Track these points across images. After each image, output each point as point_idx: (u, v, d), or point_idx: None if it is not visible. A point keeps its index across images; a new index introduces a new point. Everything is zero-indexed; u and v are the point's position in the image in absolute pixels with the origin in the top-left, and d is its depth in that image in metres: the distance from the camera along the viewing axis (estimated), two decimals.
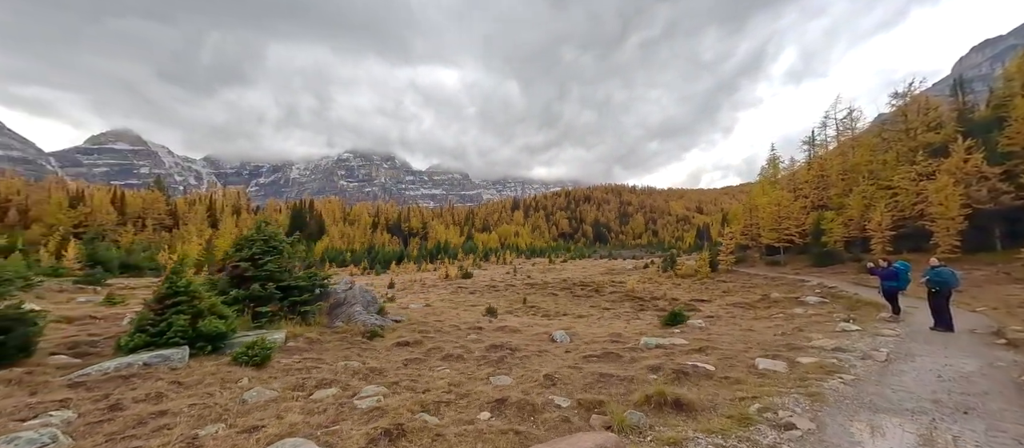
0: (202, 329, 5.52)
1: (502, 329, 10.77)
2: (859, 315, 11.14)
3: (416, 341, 7.86)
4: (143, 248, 30.20)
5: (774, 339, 7.66)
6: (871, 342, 6.85)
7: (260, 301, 7.46)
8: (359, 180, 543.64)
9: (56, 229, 52.47)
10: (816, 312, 13.18)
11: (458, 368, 6.13)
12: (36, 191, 65.29)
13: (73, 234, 53.98)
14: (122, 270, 18.19)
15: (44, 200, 59.69)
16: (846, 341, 6.91)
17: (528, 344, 8.13)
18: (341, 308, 9.34)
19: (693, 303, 19.14)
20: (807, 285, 20.79)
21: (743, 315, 14.51)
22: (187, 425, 3.24)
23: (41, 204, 59.26)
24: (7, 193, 61.87)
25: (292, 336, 7.18)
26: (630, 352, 6.82)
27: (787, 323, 10.95)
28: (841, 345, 6.41)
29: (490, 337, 9.13)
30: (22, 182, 68.34)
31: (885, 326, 8.56)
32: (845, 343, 6.68)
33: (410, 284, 30.41)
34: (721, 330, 10.01)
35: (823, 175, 29.79)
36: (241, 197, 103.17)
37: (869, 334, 7.67)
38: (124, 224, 60.73)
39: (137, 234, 58.61)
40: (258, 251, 7.93)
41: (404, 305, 17.74)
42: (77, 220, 56.29)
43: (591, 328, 11.73)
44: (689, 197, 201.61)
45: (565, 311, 17.97)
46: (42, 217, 55.82)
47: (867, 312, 11.56)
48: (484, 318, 13.12)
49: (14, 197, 61.55)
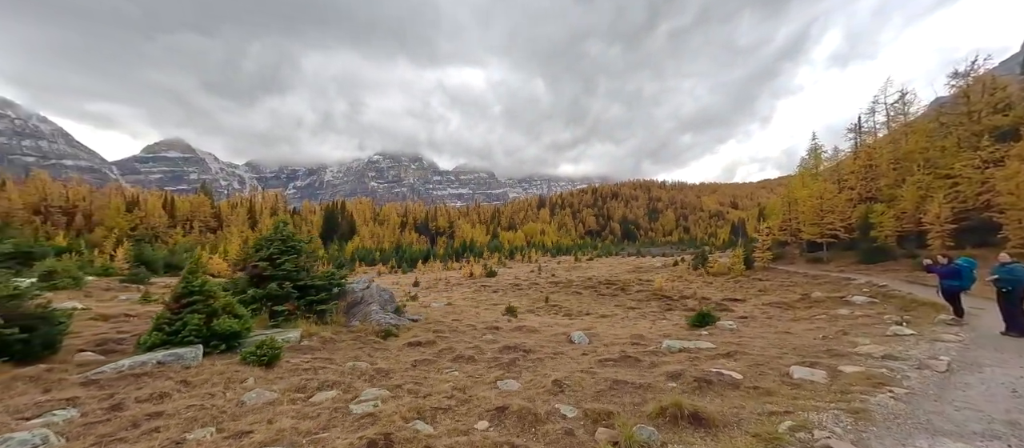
0: (216, 328, 5.60)
1: (520, 329, 10.52)
2: (914, 317, 10.08)
3: (429, 341, 7.74)
4: (185, 249, 32.12)
5: (813, 344, 6.98)
6: (929, 349, 6.08)
7: (277, 300, 7.56)
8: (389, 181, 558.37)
9: (115, 232, 56.97)
10: (864, 313, 12.10)
11: (467, 370, 5.92)
12: (99, 197, 70.93)
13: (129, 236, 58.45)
14: (166, 269, 19.44)
15: (105, 205, 64.81)
16: (898, 347, 6.18)
17: (544, 346, 7.84)
18: (358, 307, 9.37)
19: (725, 303, 18.17)
20: (853, 284, 19.26)
21: (780, 316, 13.57)
22: (178, 428, 3.20)
23: (103, 209, 64.38)
24: (74, 199, 67.49)
25: (307, 335, 7.22)
26: (650, 356, 6.39)
27: (830, 326, 10.08)
28: (892, 352, 5.71)
29: (506, 338, 8.89)
30: (87, 189, 74.39)
31: (946, 330, 7.64)
32: (897, 349, 5.96)
33: (435, 282, 30.70)
34: (754, 332, 9.32)
35: (871, 165, 27.57)
36: (279, 200, 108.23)
37: (926, 339, 6.85)
38: (174, 226, 65.08)
39: (185, 235, 62.63)
40: (276, 251, 8.05)
41: (426, 303, 17.85)
42: (133, 223, 60.87)
43: (613, 329, 11.27)
44: (723, 191, 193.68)
45: (588, 310, 17.49)
46: (103, 221, 60.69)
47: (924, 314, 10.46)
48: (503, 317, 12.92)
49: (80, 203, 67.09)
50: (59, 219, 62.12)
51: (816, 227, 26.38)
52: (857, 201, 27.08)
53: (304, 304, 7.94)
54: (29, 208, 58.48)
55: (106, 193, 76.25)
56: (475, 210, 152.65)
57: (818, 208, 25.93)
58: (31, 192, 60.51)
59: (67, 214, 63.82)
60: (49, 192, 62.21)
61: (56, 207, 62.58)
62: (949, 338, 6.86)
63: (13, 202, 56.17)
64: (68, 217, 63.66)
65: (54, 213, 61.79)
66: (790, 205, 29.89)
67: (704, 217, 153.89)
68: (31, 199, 59.48)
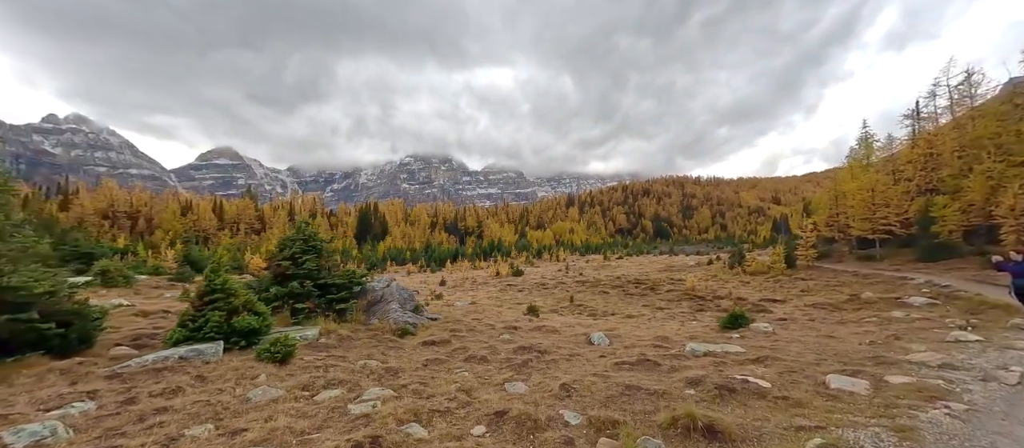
0: (235, 325, 5.78)
1: (540, 329, 10.31)
2: (982, 321, 9.00)
3: (444, 340, 7.69)
4: (228, 249, 34.20)
5: (858, 349, 6.34)
6: (997, 358, 5.34)
7: (298, 298, 7.76)
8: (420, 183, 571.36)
9: (170, 234, 61.65)
10: (922, 316, 10.97)
11: (478, 371, 5.80)
12: (157, 202, 76.99)
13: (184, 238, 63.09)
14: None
15: (163, 210, 70.30)
16: (960, 355, 5.47)
17: (561, 347, 7.59)
18: (378, 305, 9.48)
19: (763, 303, 17.12)
20: (911, 284, 17.59)
21: (825, 318, 12.58)
22: (178, 424, 3.27)
23: (161, 213, 69.87)
24: (137, 205, 73.59)
25: (326, 332, 7.35)
26: (672, 360, 6.01)
27: (880, 329, 9.18)
28: (952, 360, 5.05)
29: (523, 338, 8.72)
30: (148, 195, 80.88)
31: (1020, 336, 6.72)
32: (958, 358, 5.28)
33: (461, 281, 30.95)
34: (792, 336, 8.64)
35: (932, 153, 25.14)
36: (317, 203, 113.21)
37: (995, 347, 6.04)
38: (222, 228, 69.59)
39: (232, 237, 66.79)
40: (298, 251, 8.28)
41: (450, 302, 17.97)
42: (187, 226, 65.67)
43: (638, 330, 10.83)
44: (763, 186, 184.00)
45: (614, 310, 16.98)
46: (161, 224, 65.84)
47: (994, 317, 9.32)
48: (524, 317, 12.73)
49: (143, 208, 73.10)
50: (124, 223, 68.01)
51: (867, 222, 24.37)
52: (915, 193, 24.80)
53: (324, 302, 8.11)
54: (99, 213, 64.40)
55: (164, 199, 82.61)
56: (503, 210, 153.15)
57: (869, 202, 23.93)
58: (100, 199, 66.60)
59: (131, 218, 69.70)
60: (115, 199, 68.18)
61: (122, 212, 68.48)
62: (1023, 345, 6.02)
63: (86, 208, 62.05)
64: (132, 221, 69.54)
65: (120, 217, 67.67)
66: (837, 199, 27.78)
67: (743, 214, 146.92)
68: (100, 205, 65.45)
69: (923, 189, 24.50)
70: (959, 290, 14.42)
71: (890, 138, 28.74)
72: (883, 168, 27.98)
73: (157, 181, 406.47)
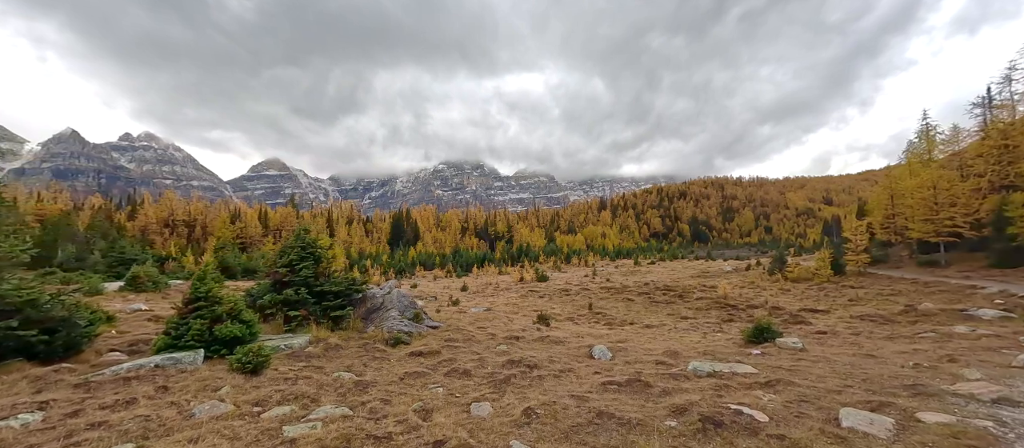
0: (217, 333, 5.78)
1: (544, 339, 9.82)
2: None
3: (434, 351, 7.41)
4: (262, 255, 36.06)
5: (897, 374, 5.40)
6: None
7: (292, 305, 7.77)
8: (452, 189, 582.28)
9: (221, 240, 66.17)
10: (991, 332, 9.49)
11: (454, 387, 5.46)
12: (211, 211, 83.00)
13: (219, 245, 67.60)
14: (244, 274, 21.95)
15: (215, 218, 75.76)
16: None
17: (556, 361, 7.10)
18: (377, 313, 9.37)
19: (802, 314, 15.67)
20: (981, 293, 15.47)
21: (872, 332, 11.22)
22: (102, 443, 3.17)
23: (214, 221, 75.31)
24: (194, 214, 79.69)
25: (316, 341, 7.28)
26: (669, 380, 5.39)
27: (935, 348, 7.96)
28: (1011, 394, 4.12)
29: (521, 350, 8.29)
30: (204, 205, 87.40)
31: None
32: (1021, 391, 4.32)
33: (484, 287, 30.76)
34: (824, 353, 7.65)
35: (1007, 144, 22.23)
36: (353, 210, 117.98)
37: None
38: (267, 235, 73.89)
39: (275, 243, 70.73)
40: (295, 258, 8.32)
41: (465, 309, 17.75)
42: (236, 233, 70.33)
43: (652, 342, 10.09)
44: (813, 186, 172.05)
45: (634, 320, 16.09)
46: (214, 231, 70.90)
47: None
48: (533, 326, 12.24)
49: (199, 217, 79.08)
50: (182, 230, 73.96)
51: (929, 224, 21.85)
52: (987, 191, 22.01)
53: (319, 310, 8.07)
54: (161, 222, 70.41)
55: (216, 207, 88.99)
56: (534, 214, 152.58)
57: (931, 201, 21.45)
58: (162, 209, 72.84)
59: (188, 226, 75.67)
60: (175, 208, 74.28)
61: (180, 220, 74.48)
62: None
63: (149, 217, 68.02)
64: (189, 228, 75.47)
65: (178, 225, 73.65)
66: (893, 198, 25.15)
67: (790, 215, 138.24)
68: (162, 214, 71.54)
69: (996, 186, 21.68)
70: None
71: (955, 129, 25.72)
72: (948, 163, 25.07)
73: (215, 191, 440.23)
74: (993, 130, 23.61)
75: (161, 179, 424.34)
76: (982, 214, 21.34)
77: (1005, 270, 17.81)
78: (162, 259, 21.41)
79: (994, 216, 20.27)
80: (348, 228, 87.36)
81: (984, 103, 26.82)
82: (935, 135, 27.57)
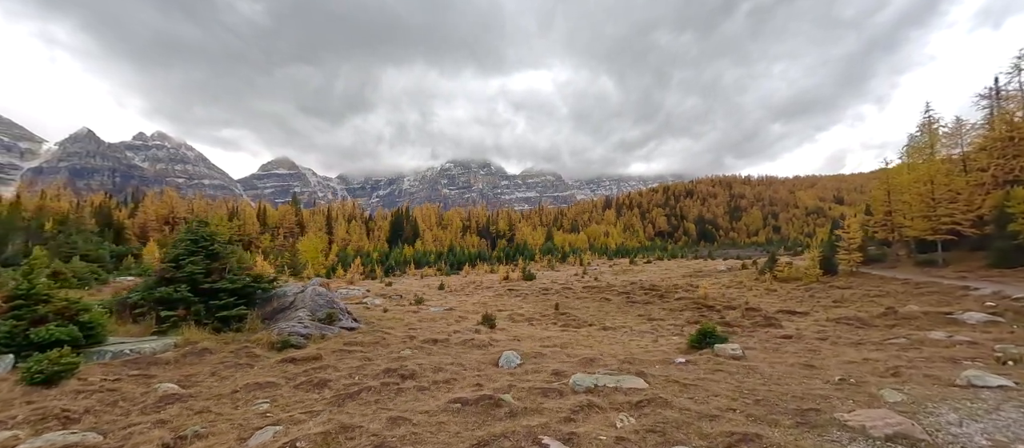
0: (33, 337, 5.10)
1: (468, 343, 9.03)
2: None
3: (314, 357, 6.66)
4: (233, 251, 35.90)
5: (810, 392, 4.50)
6: (1013, 422, 3.39)
7: (168, 304, 7.08)
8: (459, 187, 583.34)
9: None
10: (967, 340, 8.47)
11: (288, 403, 4.71)
12: (213, 209, 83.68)
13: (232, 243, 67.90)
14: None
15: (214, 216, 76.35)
16: (950, 414, 3.56)
17: (447, 369, 6.31)
18: (284, 313, 8.67)
19: (779, 316, 14.65)
20: (974, 295, 14.28)
21: (840, 337, 10.23)
22: None
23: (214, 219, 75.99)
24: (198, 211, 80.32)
25: (182, 344, 6.59)
26: (537, 398, 4.57)
27: (890, 358, 7.00)
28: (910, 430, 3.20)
29: (426, 356, 7.52)
30: (206, 202, 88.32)
31: None
32: (939, 420, 3.40)
33: (465, 285, 30.00)
34: (758, 363, 6.73)
35: (1013, 137, 20.79)
36: (355, 208, 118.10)
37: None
38: (264, 232, 74.19)
39: (272, 240, 71.03)
40: (182, 253, 7.64)
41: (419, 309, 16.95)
42: (233, 231, 70.72)
43: (589, 347, 9.26)
44: (823, 185, 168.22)
45: (596, 321, 15.19)
46: None
47: None
48: (474, 327, 11.44)
49: (201, 215, 79.84)
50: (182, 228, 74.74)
51: (926, 221, 20.52)
52: (991, 186, 20.59)
53: (204, 309, 7.38)
54: (160, 220, 71.08)
55: (218, 206, 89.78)
56: (537, 213, 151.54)
57: (928, 196, 20.12)
58: (162, 207, 73.53)
59: None
60: (175, 206, 74.95)
61: (181, 218, 75.15)
62: None
63: (148, 215, 68.71)
64: None
65: (179, 223, 74.33)
66: (890, 194, 23.78)
67: (799, 215, 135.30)
68: (162, 212, 72.22)
69: (1001, 181, 20.25)
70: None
71: (958, 122, 24.23)
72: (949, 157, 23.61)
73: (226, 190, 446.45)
74: (999, 122, 22.14)
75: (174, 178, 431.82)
76: (984, 210, 19.97)
77: (1004, 270, 16.52)
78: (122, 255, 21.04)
79: (997, 213, 18.93)
80: (347, 226, 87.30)
81: (991, 95, 25.27)
82: (938, 128, 26.05)
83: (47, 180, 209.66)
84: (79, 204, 72.02)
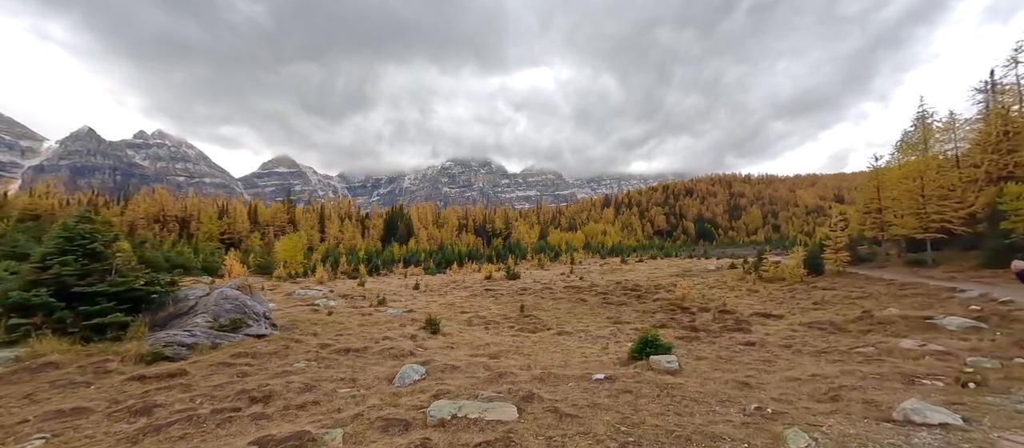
0: None
1: (386, 352, 8.19)
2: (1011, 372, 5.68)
3: (177, 374, 5.81)
4: (210, 251, 35.02)
5: (707, 426, 3.63)
6: None
7: (23, 311, 6.26)
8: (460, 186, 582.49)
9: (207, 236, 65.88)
10: (941, 349, 7.59)
11: (68, 438, 3.87)
12: (205, 207, 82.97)
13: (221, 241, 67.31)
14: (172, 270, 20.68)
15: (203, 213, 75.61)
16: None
17: (317, 388, 5.48)
18: (178, 319, 7.84)
19: (751, 319, 13.82)
20: (959, 298, 13.34)
21: (805, 344, 9.37)
22: None
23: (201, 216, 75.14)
24: (192, 209, 79.70)
25: (29, 357, 5.77)
26: (374, 433, 3.73)
27: (857, 370, 6.14)
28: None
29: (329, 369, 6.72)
30: (198, 200, 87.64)
31: None
32: None
33: (443, 285, 29.11)
34: (687, 378, 5.86)
35: (1008, 131, 19.81)
36: (351, 206, 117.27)
37: (1004, 417, 3.11)
38: (254, 231, 73.42)
39: (263, 239, 70.24)
40: (53, 251, 6.81)
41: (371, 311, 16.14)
42: (223, 229, 70.07)
43: (530, 357, 8.41)
44: (824, 183, 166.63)
45: (556, 325, 14.31)
46: (201, 227, 70.60)
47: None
48: (411, 333, 10.57)
49: (195, 213, 79.10)
50: (173, 226, 73.81)
51: (915, 218, 19.56)
52: (984, 182, 19.62)
53: (69, 315, 6.55)
54: (150, 218, 70.40)
55: (210, 204, 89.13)
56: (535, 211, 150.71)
57: (917, 192, 19.16)
58: (152, 205, 72.86)
59: (181, 222, 75.53)
60: (165, 204, 74.29)
61: (171, 216, 74.48)
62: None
63: (136, 212, 68.07)
64: (182, 225, 75.28)
65: (169, 221, 73.63)
66: (880, 191, 22.80)
67: (799, 213, 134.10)
68: (152, 211, 71.56)
69: (994, 177, 19.27)
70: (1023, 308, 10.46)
71: (952, 116, 23.22)
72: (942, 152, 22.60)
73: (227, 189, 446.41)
74: (993, 115, 21.12)
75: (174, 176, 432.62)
76: (977, 208, 19.00)
77: (996, 271, 15.55)
78: None
79: (989, 210, 17.96)
80: (341, 224, 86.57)
81: (987, 88, 24.24)
82: (931, 123, 25.02)
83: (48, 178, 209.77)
84: (68, 201, 71.41)
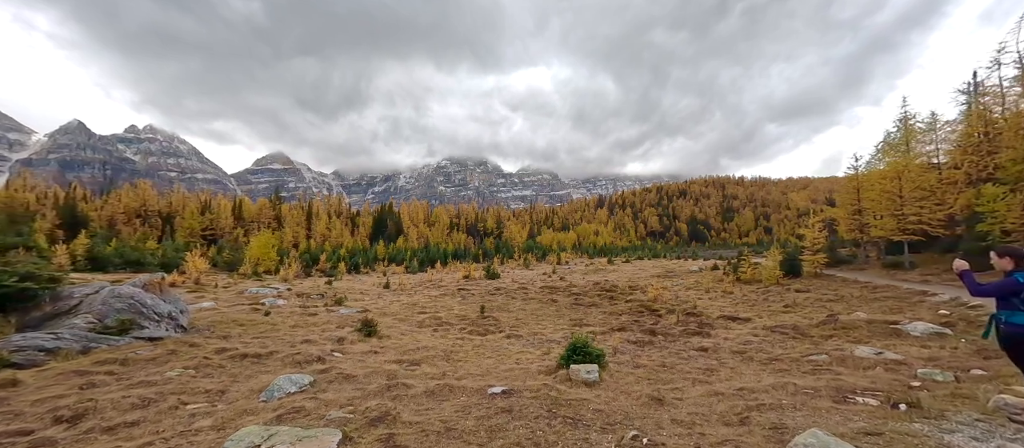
0: None
1: (289, 358, 7.44)
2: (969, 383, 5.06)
3: (10, 383, 5.05)
4: (175, 248, 33.97)
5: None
6: None
7: None
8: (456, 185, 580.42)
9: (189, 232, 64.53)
10: (897, 358, 7.00)
11: None
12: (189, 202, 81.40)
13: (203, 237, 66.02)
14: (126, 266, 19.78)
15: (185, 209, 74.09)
16: None
17: (157, 403, 4.73)
18: (56, 320, 7.03)
19: (716, 322, 13.18)
20: (929, 302, 12.80)
21: (760, 350, 8.71)
22: None
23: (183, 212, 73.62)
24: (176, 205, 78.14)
25: None
26: None
27: (790, 384, 5.49)
28: None
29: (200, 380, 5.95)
30: (182, 195, 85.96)
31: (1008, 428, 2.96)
32: None
33: (418, 284, 28.35)
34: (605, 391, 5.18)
35: (989, 133, 19.35)
36: (341, 204, 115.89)
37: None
38: (238, 227, 72.01)
39: (245, 236, 68.90)
40: None
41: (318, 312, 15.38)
42: (205, 225, 68.65)
43: (459, 365, 7.71)
44: (816, 186, 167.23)
45: (511, 328, 13.59)
46: (183, 223, 69.09)
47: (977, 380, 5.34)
48: (340, 337, 9.81)
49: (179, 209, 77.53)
50: (156, 222, 72.21)
51: (893, 220, 19.06)
52: (963, 185, 19.16)
53: None
54: (131, 213, 68.83)
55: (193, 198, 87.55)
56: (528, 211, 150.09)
57: (895, 194, 18.65)
58: (134, 199, 71.24)
59: (163, 218, 73.92)
60: (148, 199, 72.70)
61: (153, 211, 72.88)
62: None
63: (116, 207, 66.54)
64: (164, 220, 73.66)
65: (152, 216, 72.06)
66: (859, 192, 22.31)
67: (791, 216, 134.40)
68: (133, 205, 69.96)
69: (974, 179, 18.81)
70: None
71: (933, 117, 22.78)
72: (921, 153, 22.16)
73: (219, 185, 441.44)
74: (973, 116, 20.68)
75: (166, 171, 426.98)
76: (956, 210, 18.53)
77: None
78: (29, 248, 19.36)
79: (968, 213, 17.49)
80: (328, 221, 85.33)
81: (969, 90, 23.84)
82: (913, 125, 24.58)
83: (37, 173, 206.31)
84: (46, 195, 69.70)
